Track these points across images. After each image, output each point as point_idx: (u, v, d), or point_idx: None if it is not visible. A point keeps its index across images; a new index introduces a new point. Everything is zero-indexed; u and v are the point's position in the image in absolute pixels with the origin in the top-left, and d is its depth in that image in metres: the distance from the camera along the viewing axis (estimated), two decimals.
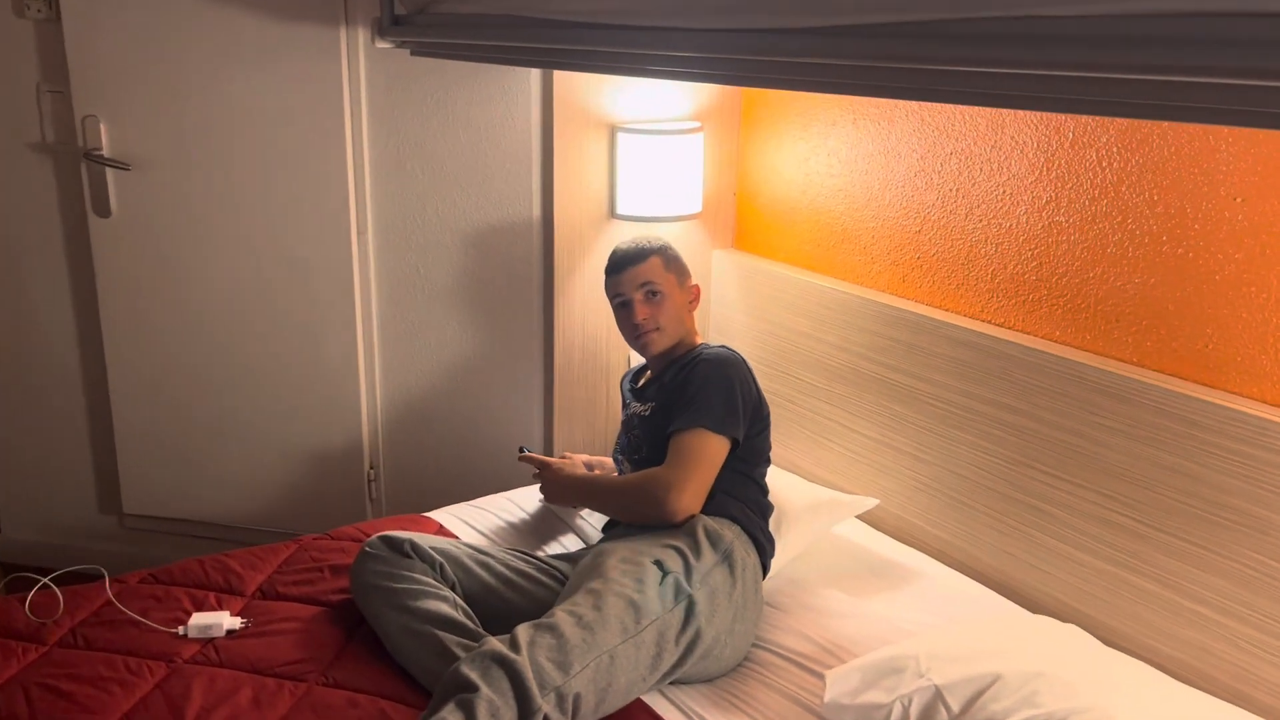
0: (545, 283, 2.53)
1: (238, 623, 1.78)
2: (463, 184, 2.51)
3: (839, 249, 2.37)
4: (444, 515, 2.27)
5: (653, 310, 2.01)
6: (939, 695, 1.47)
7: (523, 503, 2.32)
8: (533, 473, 2.19)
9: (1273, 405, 1.61)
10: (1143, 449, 1.73)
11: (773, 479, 2.02)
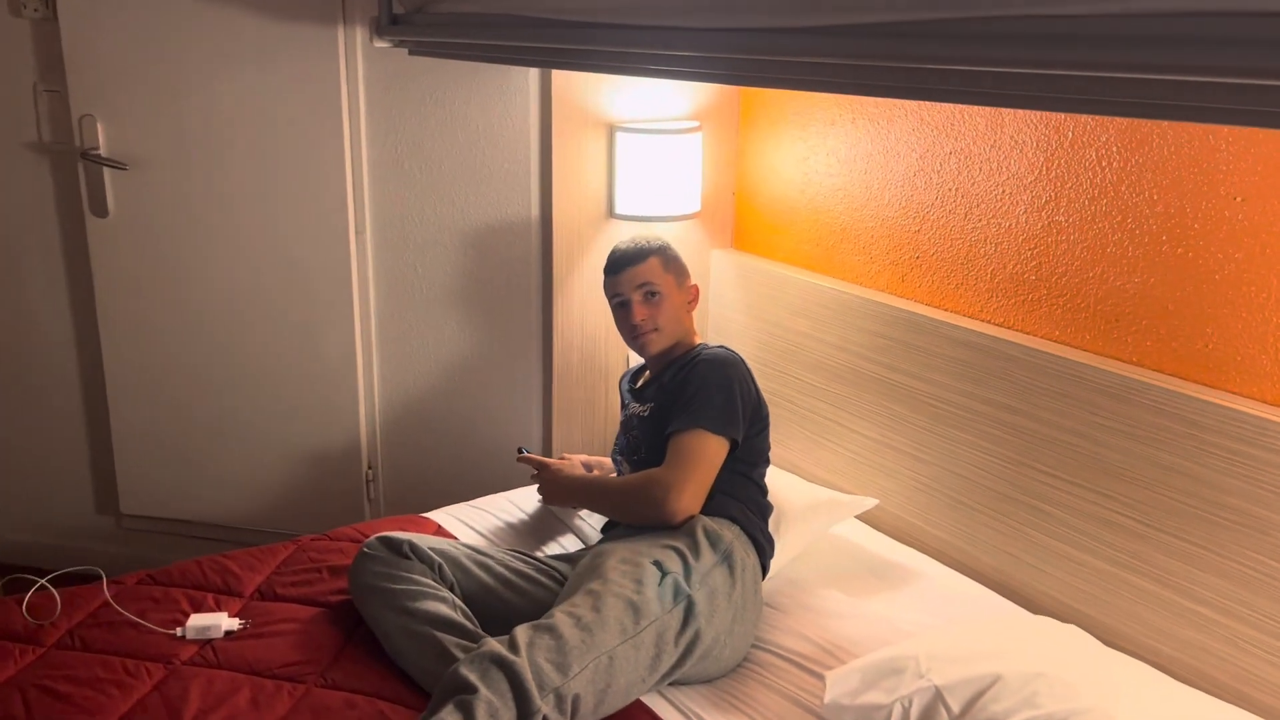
0: (544, 282, 2.52)
1: (236, 624, 1.77)
2: (461, 183, 2.51)
3: (838, 249, 2.37)
4: (442, 516, 2.26)
5: (651, 311, 2.01)
6: (939, 696, 1.47)
7: (522, 503, 2.31)
8: (531, 473, 2.19)
9: (1273, 405, 1.61)
10: (1143, 449, 1.72)
11: (772, 479, 2.02)
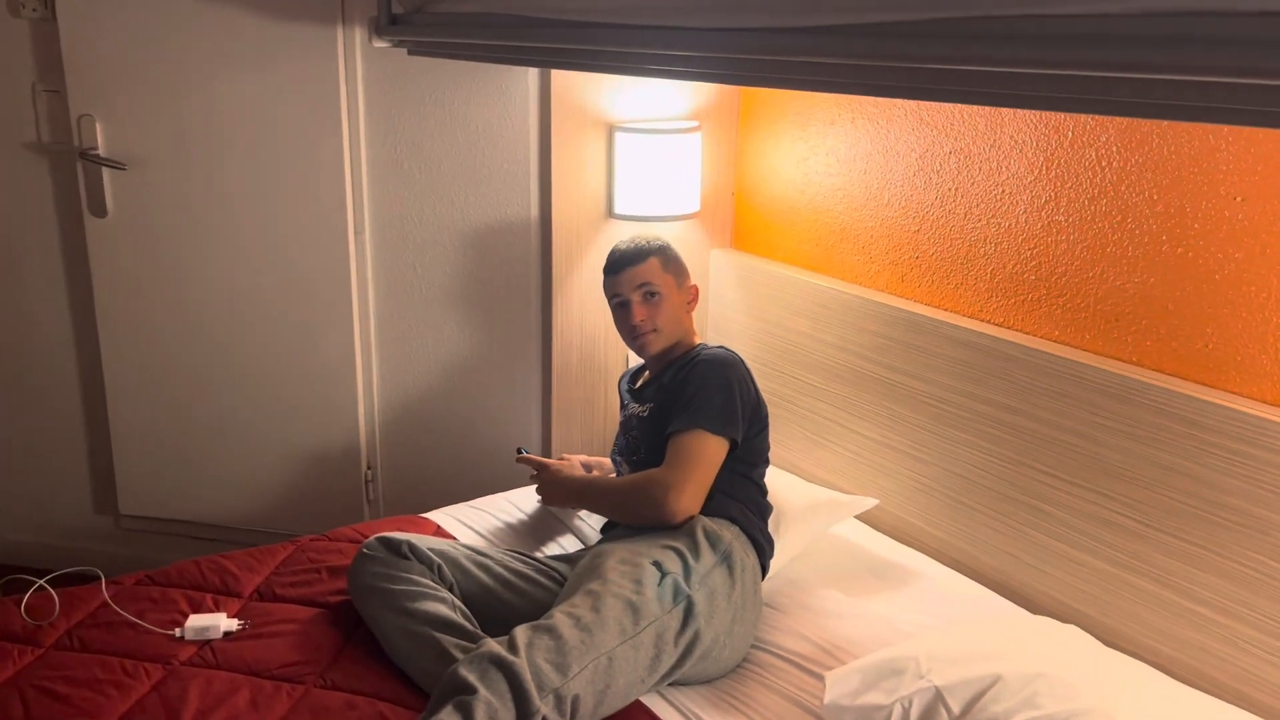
0: (543, 282, 2.52)
1: (235, 624, 1.77)
2: (460, 183, 2.50)
3: (838, 248, 2.37)
4: (442, 516, 2.26)
5: (650, 312, 2.01)
6: (939, 697, 1.46)
7: (521, 504, 2.31)
8: (530, 474, 2.18)
9: (1273, 405, 1.60)
10: (1143, 449, 1.72)
11: (771, 479, 2.02)
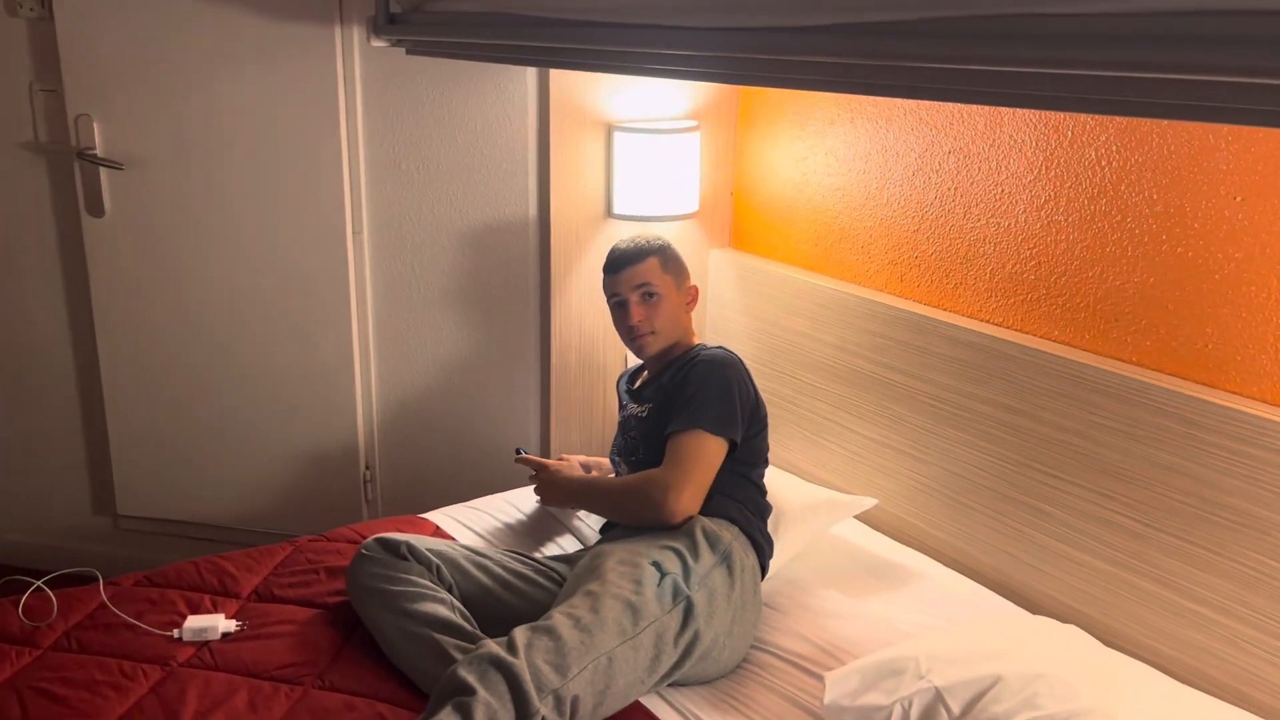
0: (542, 283, 2.52)
1: (233, 625, 1.77)
2: (458, 183, 2.50)
3: (837, 248, 2.37)
4: (440, 516, 2.26)
5: (648, 312, 2.00)
6: (939, 697, 1.46)
7: (520, 504, 2.31)
8: (529, 474, 2.18)
9: (1273, 405, 1.60)
10: (1142, 449, 1.72)
11: (771, 479, 2.02)
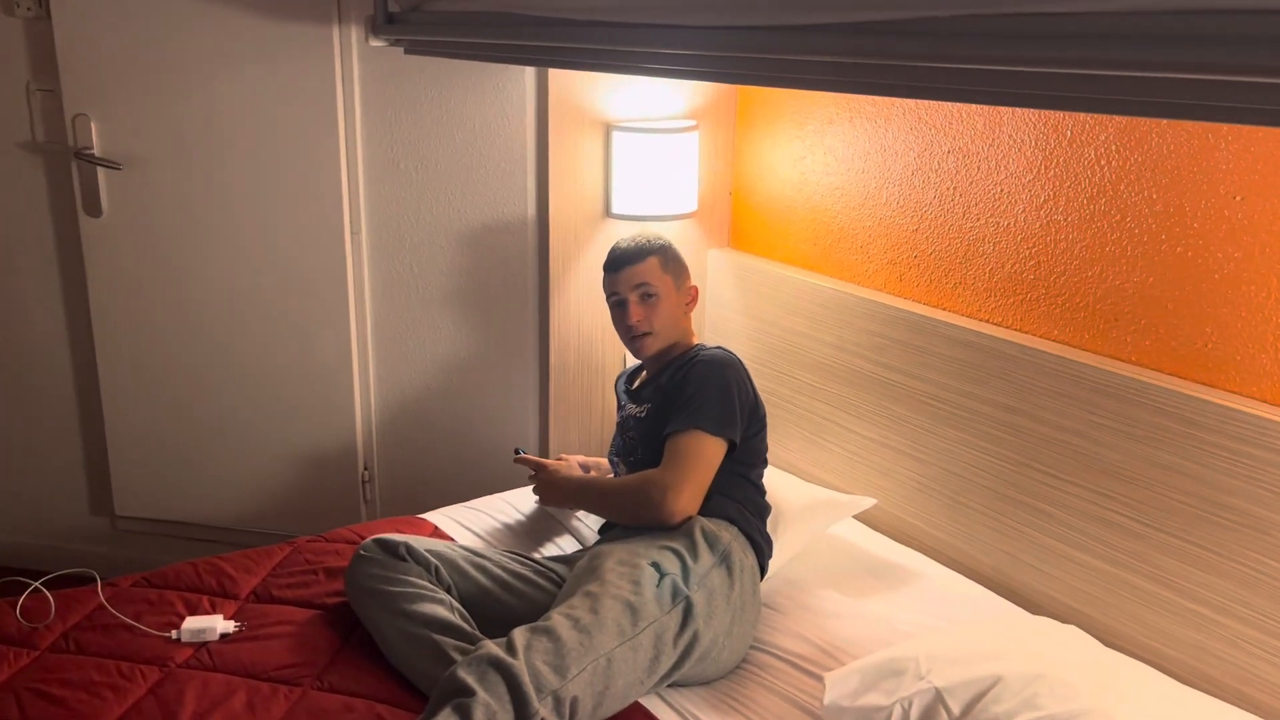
0: (540, 282, 2.52)
1: (231, 626, 1.76)
2: (457, 183, 2.50)
3: (836, 248, 2.36)
4: (439, 517, 2.25)
5: (647, 312, 2.00)
6: (939, 697, 1.46)
7: (518, 504, 2.30)
8: (528, 474, 2.18)
9: (1273, 405, 1.60)
10: (1142, 449, 1.72)
11: (770, 479, 2.01)
